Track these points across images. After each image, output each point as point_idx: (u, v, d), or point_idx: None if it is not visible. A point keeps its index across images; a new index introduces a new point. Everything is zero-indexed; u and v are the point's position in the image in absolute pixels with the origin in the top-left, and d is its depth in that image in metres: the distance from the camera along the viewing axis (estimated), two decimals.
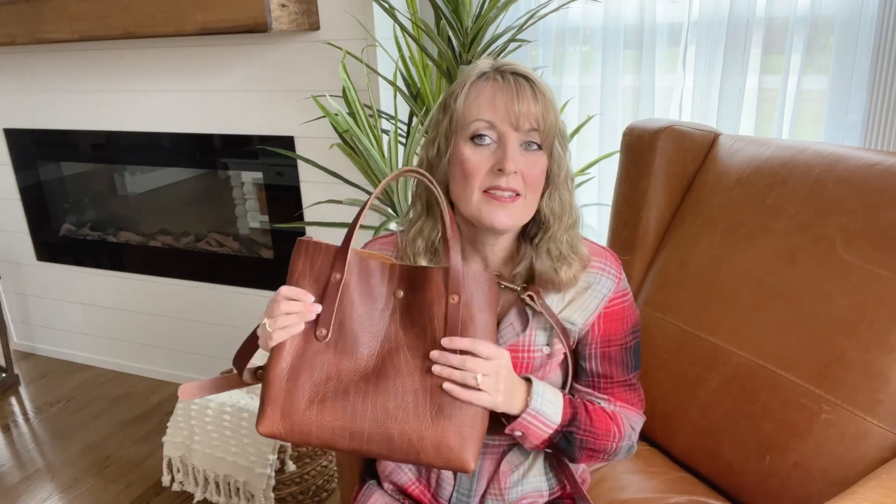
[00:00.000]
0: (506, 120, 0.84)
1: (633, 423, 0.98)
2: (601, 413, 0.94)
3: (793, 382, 1.04)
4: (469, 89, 0.87)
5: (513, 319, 0.93)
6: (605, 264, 0.95)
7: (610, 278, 0.94)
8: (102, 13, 1.92)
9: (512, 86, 0.85)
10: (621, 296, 0.95)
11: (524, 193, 0.86)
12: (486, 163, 0.85)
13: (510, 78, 0.86)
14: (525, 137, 0.86)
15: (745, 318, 1.13)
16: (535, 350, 0.94)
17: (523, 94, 0.84)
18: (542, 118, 0.85)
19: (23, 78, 2.39)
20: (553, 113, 0.86)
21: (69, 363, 2.76)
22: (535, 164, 0.86)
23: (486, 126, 0.85)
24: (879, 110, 1.45)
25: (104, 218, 2.57)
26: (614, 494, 1.12)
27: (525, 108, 0.84)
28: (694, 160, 1.33)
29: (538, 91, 0.85)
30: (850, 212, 1.06)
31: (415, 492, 1.03)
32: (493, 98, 0.85)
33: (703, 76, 1.66)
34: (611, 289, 0.94)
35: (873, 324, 0.99)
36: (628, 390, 0.98)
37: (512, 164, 0.84)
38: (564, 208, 0.90)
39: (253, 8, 1.71)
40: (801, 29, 1.52)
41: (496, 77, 0.86)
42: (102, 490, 1.98)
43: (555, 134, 0.87)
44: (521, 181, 0.86)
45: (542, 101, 0.85)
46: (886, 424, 0.96)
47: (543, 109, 0.85)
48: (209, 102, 2.12)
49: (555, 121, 0.86)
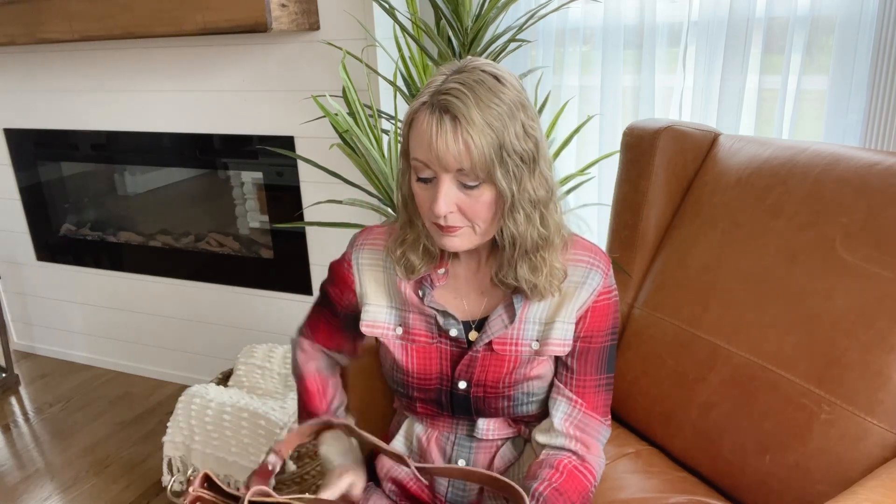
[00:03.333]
0: (433, 161, 0.81)
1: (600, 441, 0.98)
2: (572, 484, 0.93)
3: (793, 382, 1.04)
4: (410, 122, 0.84)
5: (501, 311, 0.94)
6: (592, 259, 0.94)
7: (599, 272, 0.94)
8: (102, 13, 1.92)
9: (434, 124, 0.79)
10: (608, 291, 0.95)
11: (470, 225, 0.85)
12: (428, 198, 0.84)
13: (435, 113, 0.79)
14: (459, 176, 0.81)
15: (745, 318, 1.13)
16: (522, 344, 0.95)
17: (441, 134, 0.78)
18: (465, 155, 0.79)
19: (23, 78, 2.39)
20: (485, 143, 0.78)
21: (69, 363, 2.76)
22: (477, 200, 0.83)
23: (422, 166, 0.83)
24: (879, 110, 1.45)
25: (104, 218, 2.57)
26: (614, 494, 1.12)
27: (442, 150, 0.79)
28: (694, 160, 1.33)
29: (460, 126, 0.78)
30: (850, 212, 1.06)
31: (413, 488, 1.04)
32: (421, 137, 0.81)
33: (703, 76, 1.66)
34: (599, 283, 0.94)
35: (873, 324, 0.99)
36: (598, 392, 0.97)
37: (441, 208, 0.82)
38: (517, 237, 0.86)
39: (253, 8, 1.71)
40: (801, 29, 1.52)
41: (427, 109, 0.81)
42: (102, 490, 1.98)
43: (490, 164, 0.79)
44: (462, 217, 0.84)
45: (463, 137, 0.78)
46: (886, 424, 0.96)
47: (465, 146, 0.78)
48: (209, 102, 2.12)
49: (487, 153, 0.79)
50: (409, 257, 0.94)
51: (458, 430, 1.02)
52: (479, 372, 0.96)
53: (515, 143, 0.81)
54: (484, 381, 0.96)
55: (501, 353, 0.95)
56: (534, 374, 0.96)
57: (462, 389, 0.97)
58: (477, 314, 0.97)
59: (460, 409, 0.99)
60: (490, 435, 1.01)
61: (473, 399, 0.97)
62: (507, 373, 0.95)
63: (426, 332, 0.98)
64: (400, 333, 0.99)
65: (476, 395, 0.97)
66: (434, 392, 0.99)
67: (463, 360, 0.96)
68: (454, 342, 0.97)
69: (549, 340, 0.94)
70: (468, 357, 0.96)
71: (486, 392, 0.96)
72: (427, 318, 0.97)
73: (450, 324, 0.96)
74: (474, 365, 0.96)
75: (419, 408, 1.02)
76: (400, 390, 1.02)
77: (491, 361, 0.96)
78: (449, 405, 0.99)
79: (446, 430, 1.03)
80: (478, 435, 1.00)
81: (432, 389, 0.98)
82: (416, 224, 0.92)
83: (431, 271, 0.95)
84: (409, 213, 0.93)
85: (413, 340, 0.99)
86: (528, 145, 0.83)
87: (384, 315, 1.00)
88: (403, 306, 0.99)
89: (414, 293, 0.96)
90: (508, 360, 0.95)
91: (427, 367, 0.98)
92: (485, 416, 0.99)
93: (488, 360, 0.96)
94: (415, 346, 0.98)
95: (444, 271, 0.96)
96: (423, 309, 0.96)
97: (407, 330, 0.99)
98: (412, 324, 0.98)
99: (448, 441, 1.03)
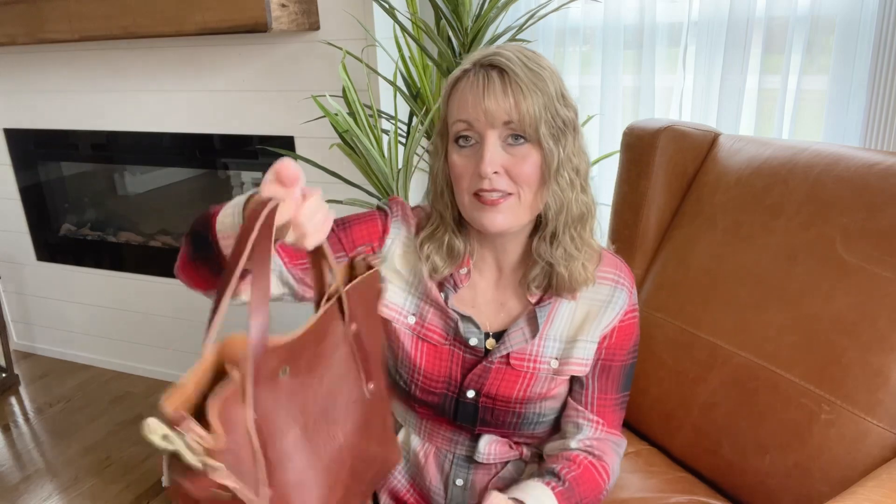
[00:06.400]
0: (479, 118, 0.80)
1: (618, 453, 0.97)
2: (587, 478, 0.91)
3: (793, 382, 1.04)
4: (451, 90, 0.84)
5: (523, 325, 0.91)
6: (618, 276, 0.92)
7: (625, 291, 0.92)
8: (102, 13, 1.92)
9: (481, 80, 0.80)
10: (633, 310, 0.94)
11: (516, 192, 0.82)
12: (470, 165, 0.82)
13: (480, 72, 0.81)
14: (505, 132, 0.80)
15: (745, 318, 1.13)
16: (542, 361, 0.92)
17: (491, 89, 0.79)
18: (515, 109, 0.79)
19: (23, 78, 2.38)
20: (533, 101, 0.79)
21: (69, 363, 2.76)
22: (524, 160, 0.81)
23: (465, 127, 0.81)
24: (879, 110, 1.45)
25: (104, 218, 2.57)
26: (614, 494, 1.12)
27: (492, 104, 0.79)
28: (694, 160, 1.33)
29: (510, 81, 0.79)
30: (850, 212, 1.06)
31: (410, 500, 1.02)
32: (465, 97, 0.81)
33: (703, 76, 1.66)
34: (626, 302, 0.92)
35: (873, 324, 0.99)
36: (615, 410, 0.96)
37: (488, 165, 0.79)
38: (563, 203, 0.84)
39: (253, 8, 1.71)
40: (801, 29, 1.52)
41: (471, 72, 0.82)
42: (102, 490, 1.98)
43: (538, 123, 0.80)
44: (508, 180, 0.82)
45: (513, 92, 0.79)
46: (886, 424, 0.96)
47: (515, 100, 0.79)
48: (209, 102, 2.12)
49: (536, 110, 0.79)
50: (434, 259, 0.91)
51: (458, 449, 0.98)
52: (490, 383, 0.92)
53: (558, 106, 0.82)
54: (495, 393, 0.92)
55: (518, 367, 0.91)
56: (550, 394, 0.93)
57: (470, 398, 0.93)
58: (495, 325, 0.94)
59: (465, 417, 0.95)
60: (491, 459, 0.97)
61: (482, 409, 0.93)
62: (522, 389, 0.92)
63: (441, 332, 0.93)
64: (412, 323, 0.94)
65: (485, 405, 0.93)
66: (439, 396, 0.94)
67: (476, 368, 0.92)
68: (470, 349, 0.93)
69: (569, 360, 0.91)
70: (482, 367, 0.92)
71: (495, 404, 0.93)
72: (446, 319, 0.93)
73: (470, 332, 0.92)
74: (487, 376, 0.92)
75: (418, 409, 0.98)
76: (401, 386, 0.97)
77: (505, 375, 0.92)
78: (452, 412, 0.95)
79: (445, 446, 0.99)
80: (478, 458, 0.96)
81: (438, 393, 0.94)
82: (447, 219, 0.89)
83: (454, 271, 0.92)
84: (442, 206, 0.90)
85: (425, 337, 0.94)
86: (569, 113, 0.83)
87: (401, 299, 0.94)
88: (423, 297, 0.94)
89: (438, 291, 0.93)
90: (524, 377, 0.92)
91: (437, 368, 0.94)
92: (490, 426, 0.95)
93: (503, 374, 0.92)
94: (426, 343, 0.94)
95: (467, 271, 0.93)
96: (445, 309, 0.92)
97: (422, 322, 0.94)
98: (429, 318, 0.94)
99: (446, 459, 0.99)
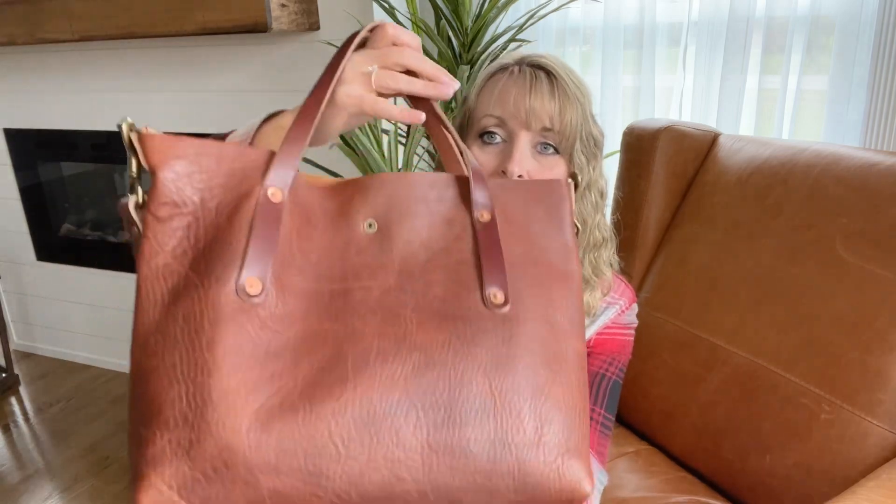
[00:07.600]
0: (516, 116, 0.75)
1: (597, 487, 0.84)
2: None
3: (793, 382, 1.04)
4: (485, 82, 0.79)
5: None
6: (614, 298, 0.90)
7: (614, 308, 0.89)
8: (102, 13, 1.92)
9: (527, 78, 0.75)
10: (622, 327, 0.89)
11: None
12: (492, 163, 0.77)
13: (527, 70, 0.76)
14: (538, 138, 0.76)
15: (745, 318, 1.13)
16: None
17: (538, 89, 0.75)
18: (558, 116, 0.75)
19: (23, 78, 2.39)
20: (576, 113, 0.76)
21: (69, 363, 2.76)
22: (550, 170, 0.76)
23: (494, 123, 0.76)
24: (879, 110, 1.45)
25: (104, 218, 2.57)
26: (614, 493, 1.12)
27: (537, 104, 0.74)
28: (694, 160, 1.33)
29: (559, 86, 0.75)
30: (850, 212, 1.06)
31: None
32: (505, 92, 0.76)
33: (703, 76, 1.66)
34: (610, 318, 0.89)
35: (873, 324, 0.99)
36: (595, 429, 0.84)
37: (517, 165, 0.74)
38: (586, 225, 0.81)
39: (253, 8, 1.71)
40: (801, 29, 1.52)
41: (514, 69, 0.77)
42: (102, 490, 1.98)
43: (576, 137, 0.76)
44: None
45: (560, 98, 0.75)
46: (886, 424, 0.96)
47: (561, 107, 0.75)
48: (209, 102, 2.12)
49: (577, 122, 0.76)
50: None
51: None
52: None
53: (591, 124, 0.79)
54: None
55: None
56: None
57: None
58: None
59: None
60: None
61: None
62: None
63: None
64: None
65: None
66: None
67: None
68: None
69: None
70: None
71: None
72: None
73: None
74: None
75: None
76: None
77: None
78: None
79: None
80: None
81: None
82: None
83: None
84: None
85: None
86: (597, 132, 0.81)
87: None
88: None
89: None
90: None
91: None
92: None
93: None
94: None
95: None
96: None
97: None
98: None
99: None
